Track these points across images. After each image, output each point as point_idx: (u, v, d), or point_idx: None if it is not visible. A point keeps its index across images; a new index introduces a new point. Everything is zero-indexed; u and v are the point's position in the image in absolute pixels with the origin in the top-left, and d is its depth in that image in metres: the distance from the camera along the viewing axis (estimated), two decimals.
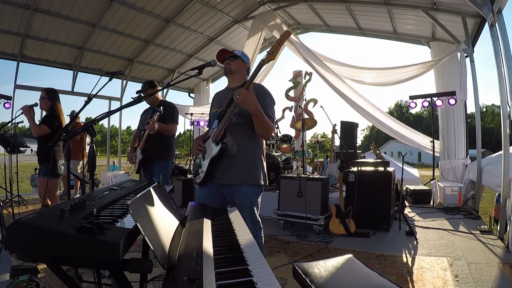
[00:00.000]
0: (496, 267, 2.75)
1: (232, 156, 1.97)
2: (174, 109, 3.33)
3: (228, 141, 1.97)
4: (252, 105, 1.79)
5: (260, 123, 1.87)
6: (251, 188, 1.99)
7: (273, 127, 1.99)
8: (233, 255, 0.98)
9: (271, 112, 1.99)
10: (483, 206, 6.64)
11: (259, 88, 2.03)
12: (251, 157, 2.01)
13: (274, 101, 2.10)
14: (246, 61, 2.13)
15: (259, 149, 2.08)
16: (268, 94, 2.04)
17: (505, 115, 3.95)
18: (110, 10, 6.50)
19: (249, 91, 1.80)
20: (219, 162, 1.97)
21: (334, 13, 7.33)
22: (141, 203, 0.91)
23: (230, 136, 1.98)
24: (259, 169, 2.04)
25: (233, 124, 1.97)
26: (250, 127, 1.93)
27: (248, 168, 1.99)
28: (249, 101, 1.77)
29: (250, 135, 1.98)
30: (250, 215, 1.98)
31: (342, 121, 6.53)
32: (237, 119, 1.97)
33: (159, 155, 3.20)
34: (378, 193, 4.08)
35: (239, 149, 1.97)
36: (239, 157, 1.97)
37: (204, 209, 1.50)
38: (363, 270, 1.47)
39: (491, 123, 40.64)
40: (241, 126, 1.97)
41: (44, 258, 0.88)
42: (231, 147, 1.97)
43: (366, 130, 54.25)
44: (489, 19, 4.07)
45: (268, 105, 1.98)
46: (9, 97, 6.36)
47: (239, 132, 1.98)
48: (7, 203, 4.71)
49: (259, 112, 1.82)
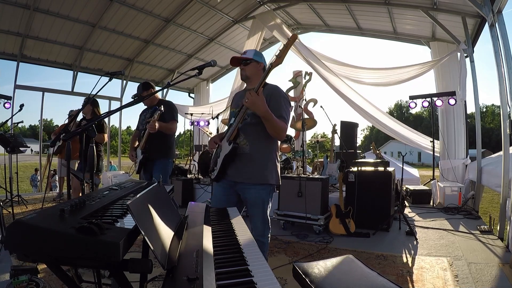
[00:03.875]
0: (496, 267, 2.75)
1: (244, 155, 2.02)
2: (174, 107, 3.33)
3: (241, 141, 2.03)
4: (261, 108, 1.84)
5: (270, 125, 1.92)
6: (263, 187, 2.03)
7: (285, 127, 2.01)
8: (233, 255, 0.98)
9: (285, 113, 2.02)
10: (483, 206, 6.65)
11: (274, 89, 2.07)
12: (263, 157, 2.05)
13: (290, 102, 2.13)
14: (260, 60, 2.14)
15: (272, 149, 2.10)
16: (283, 96, 2.07)
17: (505, 115, 3.96)
18: (110, 10, 6.51)
19: (259, 94, 1.85)
20: (232, 160, 2.03)
21: (334, 13, 7.33)
22: (141, 203, 0.91)
23: (243, 136, 2.03)
24: (271, 168, 2.07)
25: (247, 124, 2.03)
26: (263, 127, 1.96)
27: (259, 167, 2.02)
28: (257, 104, 1.83)
29: (262, 135, 2.01)
30: (261, 214, 2.03)
31: (342, 121, 6.52)
32: (251, 120, 2.02)
33: (160, 154, 3.20)
34: (378, 193, 4.08)
35: (252, 149, 2.02)
36: (251, 156, 2.01)
37: (204, 209, 1.50)
38: (363, 270, 1.47)
39: (491, 123, 40.66)
40: (254, 127, 2.01)
41: (44, 258, 0.88)
42: (244, 146, 2.02)
43: (366, 130, 54.30)
44: (489, 19, 4.07)
45: (282, 106, 2.01)
46: (9, 97, 6.37)
47: (252, 132, 2.03)
48: (7, 203, 4.71)
49: (268, 114, 1.87)
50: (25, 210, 4.91)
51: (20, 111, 5.43)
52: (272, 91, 2.02)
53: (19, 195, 5.40)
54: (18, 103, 5.52)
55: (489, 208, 6.86)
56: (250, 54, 2.12)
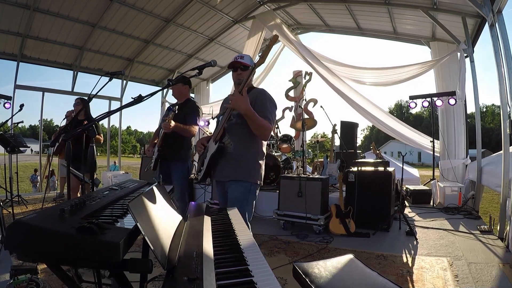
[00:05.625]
0: (496, 267, 2.75)
1: (228, 154, 2.09)
2: (197, 110, 3.11)
3: (226, 140, 2.11)
4: (242, 106, 1.90)
5: (252, 122, 1.96)
6: (243, 184, 2.07)
7: (269, 127, 2.05)
8: (233, 255, 0.98)
9: (270, 114, 2.07)
10: (483, 206, 6.65)
11: (260, 93, 2.15)
12: (245, 156, 2.09)
13: (276, 105, 2.18)
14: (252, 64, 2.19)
15: (255, 148, 2.14)
16: (268, 98, 2.13)
17: (505, 115, 3.96)
18: (110, 10, 6.51)
19: (243, 94, 1.92)
20: (217, 160, 2.12)
21: (334, 13, 7.33)
22: (141, 203, 0.91)
23: (228, 136, 2.11)
24: (252, 167, 2.11)
25: (232, 124, 2.11)
26: (247, 127, 2.01)
27: (240, 166, 2.07)
28: (240, 103, 1.90)
29: (247, 135, 2.06)
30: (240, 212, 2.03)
31: (342, 121, 6.53)
32: (236, 120, 2.09)
33: (175, 156, 3.03)
34: (378, 193, 4.08)
35: (235, 148, 2.09)
36: (235, 155, 2.08)
37: (204, 209, 1.50)
38: (363, 270, 1.47)
39: (491, 123, 40.68)
40: (238, 126, 2.08)
41: (44, 258, 0.88)
42: (228, 146, 2.10)
43: (366, 130, 54.34)
44: (489, 19, 4.07)
45: (268, 108, 2.07)
46: (9, 97, 6.37)
47: (236, 132, 2.10)
48: (7, 203, 4.71)
49: (249, 112, 1.92)
50: (25, 210, 4.91)
51: (20, 111, 5.43)
52: (257, 94, 2.11)
53: (19, 195, 5.40)
54: (18, 103, 5.52)
55: (489, 208, 6.86)
56: (248, 60, 2.18)
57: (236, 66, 2.15)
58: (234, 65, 2.16)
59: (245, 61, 2.16)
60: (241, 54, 2.31)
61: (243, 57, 2.19)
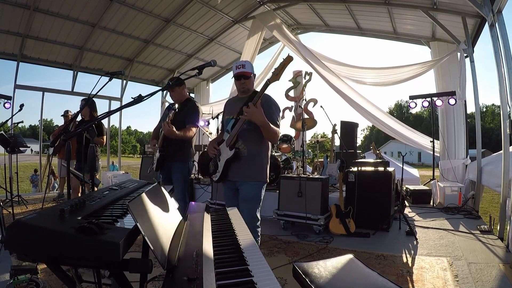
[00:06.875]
0: (496, 267, 2.75)
1: (243, 158, 2.31)
2: (196, 111, 3.06)
3: (240, 145, 2.33)
4: (259, 119, 2.11)
5: (267, 132, 2.20)
6: (256, 183, 2.32)
7: (279, 132, 2.31)
8: (233, 255, 0.98)
9: (277, 119, 2.31)
10: (483, 206, 6.65)
11: (267, 99, 2.33)
12: (258, 158, 2.35)
13: (280, 108, 2.43)
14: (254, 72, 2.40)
15: (265, 150, 2.41)
16: (274, 103, 2.36)
17: (505, 115, 3.96)
18: (110, 10, 6.50)
19: (257, 106, 2.10)
20: (232, 163, 2.33)
21: (334, 13, 7.33)
22: (141, 203, 0.91)
23: (241, 141, 2.32)
24: (264, 168, 2.39)
25: (244, 130, 2.29)
26: (258, 132, 2.24)
27: (254, 167, 2.32)
28: (256, 115, 2.10)
29: (258, 139, 2.31)
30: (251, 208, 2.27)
31: (342, 121, 6.52)
32: (247, 126, 2.28)
33: (176, 156, 3.02)
34: (378, 193, 4.08)
35: (249, 152, 2.31)
36: (249, 158, 2.31)
37: (204, 209, 1.50)
38: (363, 270, 1.47)
39: (491, 123, 40.67)
40: (250, 132, 2.29)
41: (44, 258, 0.88)
42: (242, 150, 2.32)
43: (366, 130, 54.32)
44: (489, 19, 4.07)
45: (274, 113, 2.31)
46: (9, 97, 6.36)
47: (248, 138, 2.31)
48: (7, 203, 4.71)
49: (265, 124, 2.14)
50: (25, 210, 4.91)
51: (20, 111, 5.43)
52: (264, 101, 2.28)
53: (19, 195, 5.40)
54: (18, 103, 5.52)
55: (489, 208, 6.87)
56: (249, 68, 2.34)
57: (240, 75, 2.32)
58: (238, 75, 2.33)
59: (247, 69, 2.32)
60: (241, 62, 2.39)
61: (244, 66, 2.33)
